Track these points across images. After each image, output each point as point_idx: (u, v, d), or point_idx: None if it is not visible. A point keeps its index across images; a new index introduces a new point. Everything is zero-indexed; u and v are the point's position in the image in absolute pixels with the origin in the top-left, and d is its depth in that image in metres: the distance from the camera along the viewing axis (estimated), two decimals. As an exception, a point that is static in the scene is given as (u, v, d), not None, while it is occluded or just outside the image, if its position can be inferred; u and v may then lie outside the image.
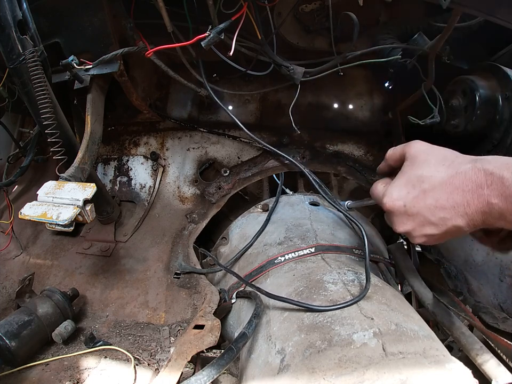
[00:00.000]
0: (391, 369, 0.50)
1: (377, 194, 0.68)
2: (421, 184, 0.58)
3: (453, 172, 0.55)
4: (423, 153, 0.60)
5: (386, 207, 0.63)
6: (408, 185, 0.60)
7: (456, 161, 0.56)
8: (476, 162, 0.53)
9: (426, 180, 0.57)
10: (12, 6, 0.75)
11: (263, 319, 0.72)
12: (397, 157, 0.66)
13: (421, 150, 0.61)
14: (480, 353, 0.64)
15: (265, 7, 0.91)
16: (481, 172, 0.51)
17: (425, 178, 0.57)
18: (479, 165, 0.52)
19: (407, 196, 0.60)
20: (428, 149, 0.61)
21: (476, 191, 0.52)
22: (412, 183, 0.59)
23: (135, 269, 1.11)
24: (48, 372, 0.80)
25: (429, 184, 0.57)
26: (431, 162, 0.58)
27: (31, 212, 0.74)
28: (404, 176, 0.62)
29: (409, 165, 0.62)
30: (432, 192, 0.56)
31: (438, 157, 0.58)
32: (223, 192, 1.24)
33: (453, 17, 0.83)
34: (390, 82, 1.32)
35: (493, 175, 0.50)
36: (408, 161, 0.62)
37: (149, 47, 0.95)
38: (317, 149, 1.30)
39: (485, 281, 1.06)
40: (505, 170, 0.49)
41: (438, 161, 0.58)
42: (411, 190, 0.59)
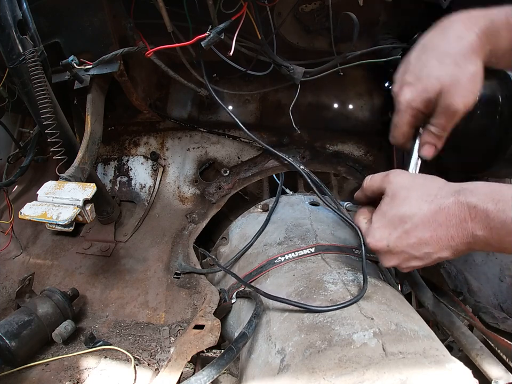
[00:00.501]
0: (391, 369, 0.50)
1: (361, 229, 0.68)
2: (403, 225, 0.57)
3: (436, 208, 0.54)
4: (403, 189, 0.59)
5: (370, 246, 0.63)
6: (390, 226, 0.59)
7: (438, 195, 0.55)
8: (459, 195, 0.53)
9: (408, 220, 0.56)
10: (12, 6, 0.75)
11: (263, 319, 0.72)
12: (374, 189, 0.65)
13: (401, 185, 0.60)
14: (480, 353, 0.64)
15: (265, 7, 0.91)
16: (465, 205, 0.51)
17: (407, 218, 0.56)
18: (462, 198, 0.52)
19: (389, 237, 0.59)
20: (408, 183, 0.60)
21: (459, 225, 0.52)
22: (393, 224, 0.58)
23: (135, 269, 1.11)
24: (48, 371, 0.80)
25: (411, 224, 0.56)
26: (412, 199, 0.57)
27: (31, 212, 0.74)
28: (384, 217, 0.60)
29: (389, 203, 0.60)
30: (414, 231, 0.56)
31: (420, 192, 0.57)
32: (223, 192, 1.24)
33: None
34: (390, 82, 1.32)
35: (476, 208, 0.50)
36: (388, 198, 0.61)
37: (149, 47, 0.95)
38: (317, 149, 1.30)
39: (485, 281, 1.06)
40: (489, 202, 0.49)
41: (419, 197, 0.57)
42: (393, 231, 0.58)
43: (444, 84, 0.60)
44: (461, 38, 0.60)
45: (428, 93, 0.62)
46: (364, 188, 0.68)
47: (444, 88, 0.60)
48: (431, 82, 0.61)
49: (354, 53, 1.00)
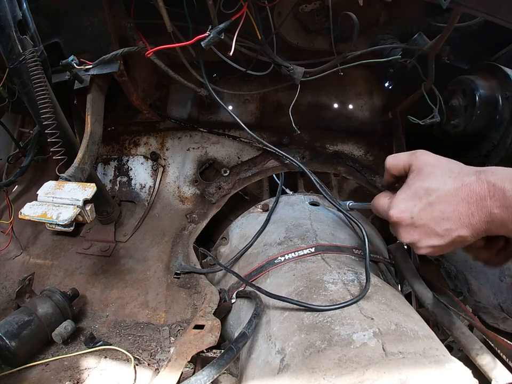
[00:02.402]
0: (391, 369, 0.50)
1: (382, 207, 0.68)
2: (427, 197, 0.59)
3: (459, 184, 0.56)
4: (429, 165, 0.61)
5: (393, 219, 0.64)
6: (415, 197, 0.61)
7: (461, 173, 0.57)
8: (480, 174, 0.55)
9: (433, 193, 0.58)
10: (12, 6, 0.75)
11: (263, 319, 0.72)
12: (400, 167, 0.66)
13: (427, 162, 0.62)
14: (480, 353, 0.64)
15: (265, 7, 0.91)
16: (485, 183, 0.53)
17: (432, 191, 0.58)
18: (482, 177, 0.54)
19: (414, 208, 0.61)
20: (433, 160, 0.62)
21: (479, 202, 0.54)
22: (418, 196, 0.60)
23: (135, 269, 1.11)
24: (48, 371, 0.80)
25: (436, 197, 0.58)
26: (437, 175, 0.59)
27: (31, 212, 0.74)
28: (410, 189, 0.62)
29: (415, 177, 0.62)
30: (438, 204, 0.58)
31: (444, 169, 0.59)
32: (223, 192, 1.24)
33: (453, 17, 0.82)
34: (390, 82, 1.32)
35: (495, 187, 0.52)
36: (415, 173, 0.63)
37: (149, 47, 0.95)
38: (317, 149, 1.30)
39: (485, 281, 1.06)
40: (506, 181, 0.51)
41: (444, 173, 0.59)
42: (418, 202, 0.60)
43: None
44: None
45: None
46: (388, 167, 0.69)
47: None
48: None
49: (354, 53, 1.00)
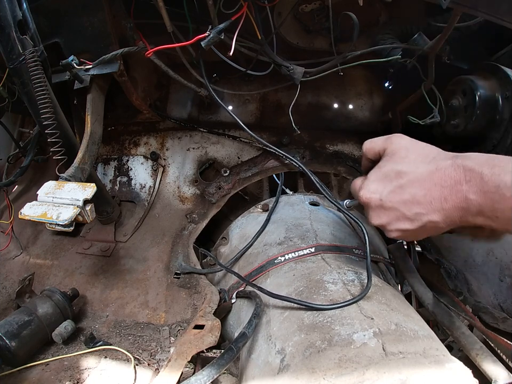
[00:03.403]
0: (391, 369, 0.50)
1: (355, 188, 0.67)
2: (398, 179, 0.57)
3: (432, 168, 0.54)
4: (403, 149, 0.59)
5: (363, 199, 0.63)
6: (386, 179, 0.59)
7: (436, 158, 0.56)
8: (456, 159, 0.53)
9: (404, 175, 0.57)
10: (12, 6, 0.75)
11: (263, 319, 0.72)
12: (376, 151, 0.65)
13: (402, 145, 0.60)
14: (480, 353, 0.64)
15: (265, 7, 0.91)
16: (461, 168, 0.51)
17: (404, 173, 0.57)
18: (459, 161, 0.52)
19: (383, 190, 0.59)
20: (409, 144, 0.60)
21: (454, 186, 0.52)
22: (389, 178, 0.59)
23: (135, 269, 1.11)
24: (48, 371, 0.80)
25: (407, 180, 0.56)
26: (411, 158, 0.58)
27: (31, 212, 0.74)
28: (381, 170, 0.61)
29: (388, 159, 0.61)
30: (409, 187, 0.56)
31: (419, 153, 0.58)
32: (223, 192, 1.24)
33: (453, 17, 0.83)
34: (390, 82, 1.32)
35: (472, 171, 0.50)
36: (388, 156, 0.61)
37: (149, 47, 0.95)
38: (317, 149, 1.30)
39: (485, 281, 1.06)
40: (485, 166, 0.49)
41: (418, 157, 0.57)
42: (388, 184, 0.59)
43: None
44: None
45: None
46: (364, 151, 0.67)
47: None
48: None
49: (354, 53, 1.00)
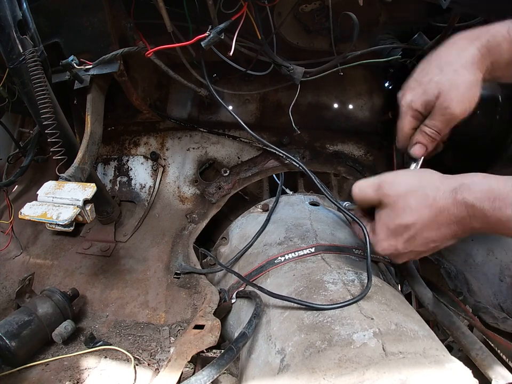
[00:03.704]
0: (391, 369, 0.50)
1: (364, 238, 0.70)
2: (408, 232, 0.60)
3: (436, 212, 0.57)
4: (400, 198, 0.61)
5: (381, 254, 0.67)
6: (396, 235, 0.62)
7: (437, 197, 0.57)
8: (456, 194, 0.55)
9: (412, 227, 0.60)
10: (12, 6, 0.75)
11: (263, 319, 0.72)
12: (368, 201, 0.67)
13: (398, 194, 0.61)
14: (480, 353, 0.64)
15: (265, 7, 0.91)
16: (463, 205, 0.54)
17: (411, 225, 0.60)
18: (459, 197, 0.54)
19: (397, 244, 0.63)
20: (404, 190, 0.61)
21: (460, 221, 0.56)
22: (398, 233, 0.62)
23: (135, 269, 1.11)
24: (48, 371, 0.80)
25: (415, 230, 0.60)
26: (412, 207, 0.59)
27: (31, 212, 0.74)
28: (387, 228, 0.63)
29: (390, 213, 0.62)
30: (420, 235, 0.60)
31: (417, 197, 0.59)
32: (223, 192, 1.24)
33: (453, 17, 0.83)
34: (390, 82, 1.32)
35: (473, 207, 0.53)
36: (388, 209, 0.62)
37: (149, 47, 0.95)
38: (317, 149, 1.30)
39: (485, 281, 1.06)
40: (485, 201, 0.52)
41: (418, 203, 0.59)
42: (399, 238, 0.62)
43: (443, 88, 0.64)
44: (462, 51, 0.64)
45: (427, 95, 0.66)
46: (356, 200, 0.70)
47: (442, 91, 0.64)
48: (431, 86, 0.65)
49: (354, 53, 1.00)
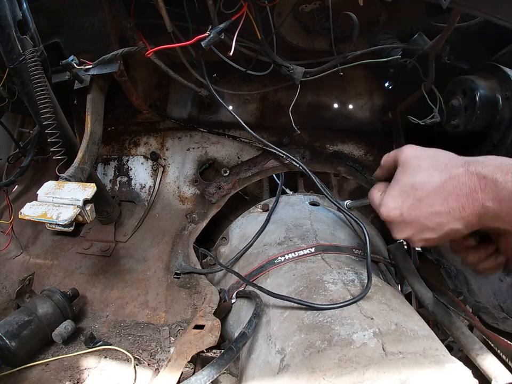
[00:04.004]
0: (391, 369, 0.50)
1: (374, 203, 0.68)
2: (415, 192, 0.58)
3: (446, 177, 0.55)
4: (414, 158, 0.60)
5: (384, 217, 0.63)
6: (403, 194, 0.60)
7: (449, 165, 0.56)
8: (469, 166, 0.53)
9: (419, 187, 0.57)
10: (12, 6, 0.75)
11: (263, 319, 0.72)
12: (390, 163, 0.66)
13: (412, 155, 0.61)
14: (480, 353, 0.64)
15: (265, 7, 0.90)
16: (475, 175, 0.52)
17: (418, 185, 0.58)
18: (472, 169, 0.52)
19: (402, 205, 0.60)
20: (418, 153, 0.61)
21: (470, 195, 0.52)
22: (406, 192, 0.60)
23: (135, 269, 1.11)
24: (48, 371, 0.80)
25: (423, 191, 0.57)
26: (423, 167, 0.58)
27: (31, 212, 0.74)
28: (397, 185, 0.62)
29: (401, 172, 0.62)
30: (426, 199, 0.57)
31: (430, 160, 0.58)
32: (223, 192, 1.24)
33: (453, 17, 0.83)
34: (390, 82, 1.32)
35: (486, 179, 0.50)
36: (400, 168, 0.62)
37: (149, 47, 0.95)
38: (317, 149, 1.30)
39: (485, 281, 1.06)
40: (498, 172, 0.49)
41: (430, 165, 0.58)
42: (406, 199, 0.59)
43: None
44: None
45: None
46: (381, 164, 0.69)
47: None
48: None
49: (354, 53, 1.00)
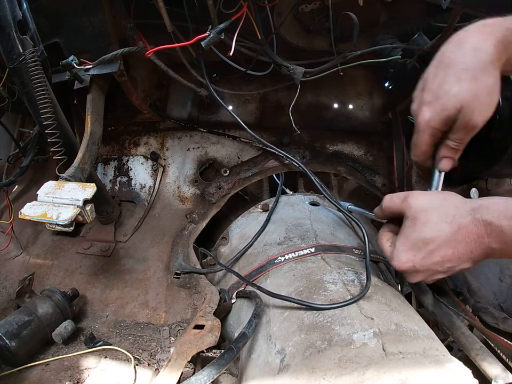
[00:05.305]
0: (391, 369, 0.50)
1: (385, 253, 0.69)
2: (426, 246, 0.61)
3: (455, 228, 0.58)
4: (422, 212, 0.62)
5: (397, 269, 0.66)
6: (414, 248, 0.62)
7: (457, 215, 0.59)
8: (475, 213, 0.57)
9: (431, 242, 0.60)
10: (12, 6, 0.75)
11: (263, 319, 0.72)
12: (393, 210, 0.68)
13: (420, 209, 0.62)
14: (480, 353, 0.64)
15: (265, 7, 0.91)
16: (481, 223, 0.56)
17: (430, 240, 0.60)
18: (478, 216, 0.56)
19: (414, 259, 0.62)
20: (427, 205, 0.62)
21: (477, 240, 0.57)
22: (417, 246, 0.62)
23: (135, 269, 1.11)
24: (48, 371, 0.80)
25: (434, 245, 0.60)
26: (433, 222, 0.60)
27: (31, 212, 0.74)
28: (407, 240, 0.63)
29: (411, 226, 0.63)
30: (438, 251, 0.60)
31: (439, 213, 0.60)
32: (223, 192, 1.24)
33: (453, 17, 0.83)
34: (390, 82, 1.32)
35: (491, 225, 0.54)
36: (410, 222, 0.63)
37: (149, 47, 0.95)
38: (317, 149, 1.30)
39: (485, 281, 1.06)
40: (503, 219, 0.53)
41: (439, 219, 0.60)
42: (417, 253, 0.62)
43: (463, 101, 0.60)
44: (477, 50, 0.60)
45: (447, 111, 0.62)
46: (383, 208, 0.70)
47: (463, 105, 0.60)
48: (450, 101, 0.61)
49: (354, 53, 1.00)
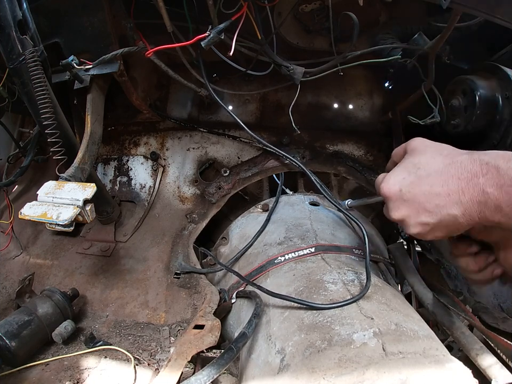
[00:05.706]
0: (391, 369, 0.50)
1: (378, 182, 0.69)
2: (416, 170, 0.60)
3: (449, 161, 0.57)
4: (421, 145, 0.63)
5: (383, 191, 0.64)
6: (405, 171, 0.62)
7: (452, 152, 0.59)
8: (472, 154, 0.55)
9: (422, 167, 0.60)
10: (12, 6, 0.75)
11: (263, 319, 0.72)
12: (400, 153, 0.69)
13: (420, 142, 0.64)
14: (480, 353, 0.64)
15: (265, 7, 0.90)
16: (477, 161, 0.53)
17: (421, 165, 0.60)
18: (475, 156, 0.54)
19: (403, 181, 0.61)
20: (427, 142, 0.64)
21: (471, 179, 0.53)
22: (408, 170, 0.62)
23: (135, 269, 1.11)
24: (48, 371, 0.80)
25: (425, 171, 0.59)
26: (428, 152, 0.61)
27: (31, 212, 0.74)
28: (401, 164, 0.64)
29: (408, 156, 0.64)
30: (427, 178, 0.58)
31: (436, 148, 0.61)
32: (223, 192, 1.24)
33: (453, 17, 0.82)
34: (390, 82, 1.32)
35: (488, 165, 0.51)
36: (408, 154, 0.65)
37: (149, 47, 0.95)
38: (317, 149, 1.30)
39: (485, 281, 1.05)
40: (500, 160, 0.51)
41: (435, 151, 0.61)
42: (407, 176, 0.61)
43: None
44: None
45: None
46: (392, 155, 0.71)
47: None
48: None
49: (354, 53, 1.00)
